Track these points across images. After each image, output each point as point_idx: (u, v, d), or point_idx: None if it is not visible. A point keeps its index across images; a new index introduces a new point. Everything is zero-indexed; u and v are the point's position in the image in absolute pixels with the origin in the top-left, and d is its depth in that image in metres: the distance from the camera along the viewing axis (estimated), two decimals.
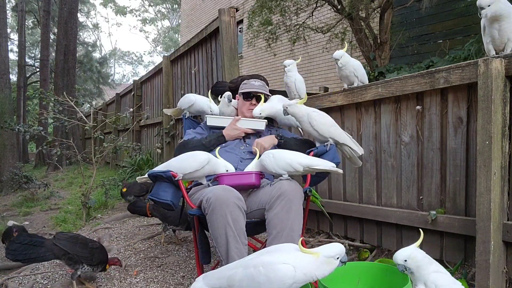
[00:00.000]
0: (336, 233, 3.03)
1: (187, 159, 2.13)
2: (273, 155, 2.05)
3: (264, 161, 2.07)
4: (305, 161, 2.02)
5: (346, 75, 2.73)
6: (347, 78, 2.75)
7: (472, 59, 4.22)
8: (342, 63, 2.65)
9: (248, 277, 1.38)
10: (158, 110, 6.55)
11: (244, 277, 1.39)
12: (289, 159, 2.02)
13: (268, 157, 2.05)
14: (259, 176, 2.14)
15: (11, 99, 10.19)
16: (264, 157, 2.07)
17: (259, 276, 1.36)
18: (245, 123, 2.45)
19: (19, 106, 16.19)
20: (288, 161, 2.01)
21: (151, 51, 47.61)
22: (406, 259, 1.43)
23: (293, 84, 3.00)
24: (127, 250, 3.13)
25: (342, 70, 2.71)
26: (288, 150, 2.13)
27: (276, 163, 2.03)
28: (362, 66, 2.79)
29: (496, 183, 1.86)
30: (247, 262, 1.44)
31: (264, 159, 2.07)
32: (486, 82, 1.87)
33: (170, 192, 2.13)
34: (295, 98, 3.07)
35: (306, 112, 2.19)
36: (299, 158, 2.03)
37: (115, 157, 8.78)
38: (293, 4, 7.32)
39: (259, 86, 2.56)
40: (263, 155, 2.09)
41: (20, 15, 17.06)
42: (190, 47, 5.05)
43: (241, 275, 1.40)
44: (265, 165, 2.06)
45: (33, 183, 6.66)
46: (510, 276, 1.93)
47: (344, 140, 2.20)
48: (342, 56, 2.64)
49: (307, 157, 2.07)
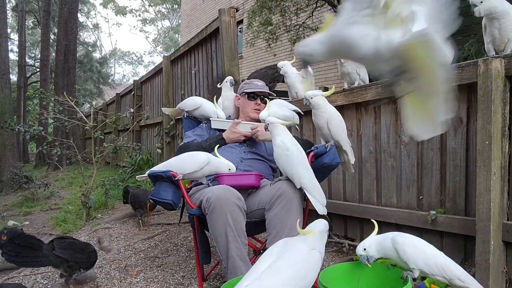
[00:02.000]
0: (336, 233, 3.02)
1: (187, 160, 2.13)
2: (288, 150, 1.95)
3: (277, 153, 1.98)
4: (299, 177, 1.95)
5: (348, 72, 2.69)
6: (348, 76, 2.71)
7: (472, 59, 4.21)
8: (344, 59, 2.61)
9: (294, 277, 1.31)
10: (158, 110, 6.55)
11: (290, 277, 1.30)
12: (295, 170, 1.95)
13: (284, 153, 1.96)
14: (259, 178, 2.14)
15: (11, 99, 10.19)
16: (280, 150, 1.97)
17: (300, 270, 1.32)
18: (245, 126, 2.43)
19: (19, 106, 16.20)
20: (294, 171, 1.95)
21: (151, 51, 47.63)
22: (365, 248, 1.53)
23: (293, 83, 3.01)
24: (127, 250, 3.13)
25: (344, 66, 2.66)
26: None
27: (287, 163, 1.96)
28: (365, 68, 2.76)
29: (496, 183, 1.86)
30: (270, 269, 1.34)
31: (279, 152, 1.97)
32: (486, 82, 1.87)
33: (171, 192, 2.14)
34: (295, 98, 3.07)
35: (330, 109, 2.12)
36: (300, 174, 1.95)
37: (115, 157, 8.78)
38: (293, 4, 7.33)
39: (262, 86, 2.58)
40: (278, 147, 1.98)
41: (20, 15, 17.08)
42: (190, 47, 5.06)
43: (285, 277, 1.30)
44: (277, 158, 1.99)
45: (33, 183, 6.66)
46: (510, 276, 1.93)
47: (345, 146, 2.17)
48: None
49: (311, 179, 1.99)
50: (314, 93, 2.12)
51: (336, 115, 2.12)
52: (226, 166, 2.11)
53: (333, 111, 2.13)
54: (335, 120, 2.11)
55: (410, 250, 1.45)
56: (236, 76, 3.84)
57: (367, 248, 1.53)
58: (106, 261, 2.92)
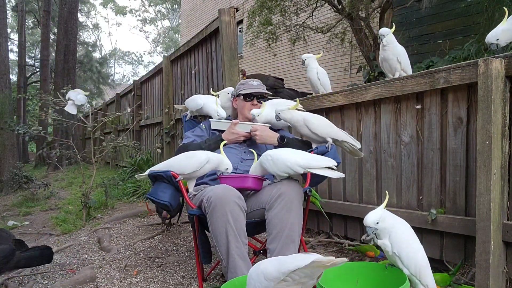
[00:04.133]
0: (336, 233, 3.03)
1: (186, 159, 2.13)
2: (271, 157, 2.01)
3: (263, 163, 2.05)
4: (303, 162, 1.99)
5: (388, 58, 2.52)
6: (387, 62, 2.54)
7: (472, 59, 4.22)
8: (387, 41, 2.48)
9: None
10: (158, 110, 6.55)
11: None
12: (289, 161, 1.98)
13: (267, 160, 2.02)
14: (261, 181, 2.13)
15: (11, 99, 10.19)
16: (264, 160, 2.04)
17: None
18: (244, 127, 2.42)
19: (19, 106, 16.20)
20: (288, 164, 1.98)
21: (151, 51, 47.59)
22: (377, 222, 1.49)
23: (315, 78, 2.98)
24: (127, 250, 3.13)
25: (385, 50, 2.52)
26: (286, 149, 2.09)
27: (276, 166, 2.00)
28: (406, 54, 2.56)
29: (496, 183, 1.86)
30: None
31: (263, 161, 2.05)
32: (486, 82, 1.87)
33: (169, 193, 2.13)
34: (320, 93, 3.04)
35: (301, 117, 2.19)
36: (298, 159, 1.99)
37: (115, 157, 8.79)
38: (293, 4, 7.32)
39: (258, 85, 2.56)
40: (262, 157, 2.06)
41: (20, 15, 17.09)
42: (190, 47, 5.05)
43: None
44: (265, 168, 2.05)
45: (33, 183, 6.66)
46: (510, 276, 1.93)
47: (342, 137, 2.20)
48: (389, 34, 2.48)
49: (305, 156, 2.04)
50: (281, 109, 2.21)
51: (310, 117, 2.18)
52: (225, 165, 2.11)
53: (307, 116, 2.18)
54: (314, 123, 2.16)
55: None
56: (236, 76, 3.84)
57: (379, 222, 1.50)
58: (106, 261, 2.92)
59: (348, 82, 7.91)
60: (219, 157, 2.12)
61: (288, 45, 8.13)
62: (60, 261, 2.99)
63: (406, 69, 2.55)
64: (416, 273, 1.49)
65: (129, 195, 5.49)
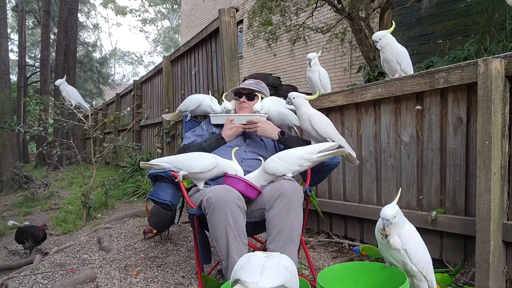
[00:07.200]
0: (336, 233, 3.03)
1: (196, 159, 2.11)
2: (278, 158, 2.01)
3: (270, 169, 2.02)
4: (313, 148, 2.01)
5: (388, 59, 2.51)
6: (388, 63, 2.54)
7: (472, 59, 4.22)
8: (381, 45, 2.47)
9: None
10: (158, 110, 6.55)
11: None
12: (298, 153, 2.00)
13: (274, 162, 2.01)
14: (259, 194, 2.11)
15: (11, 99, 10.19)
16: (270, 165, 2.02)
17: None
18: (240, 119, 2.41)
19: (19, 106, 16.20)
20: (298, 155, 1.99)
21: (151, 51, 47.63)
22: (395, 216, 1.50)
23: (317, 78, 2.97)
24: (127, 250, 3.13)
25: (384, 53, 2.51)
26: (289, 149, 2.10)
27: (285, 163, 1.99)
28: (407, 54, 2.54)
29: (496, 183, 1.86)
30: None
31: (269, 167, 2.02)
32: (486, 82, 1.87)
33: (170, 193, 2.13)
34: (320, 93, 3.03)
35: (308, 109, 2.18)
36: (306, 148, 2.02)
37: (115, 157, 8.79)
38: (293, 4, 7.32)
39: (249, 84, 2.55)
40: (267, 162, 2.04)
41: (20, 15, 17.10)
42: (190, 47, 5.06)
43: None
44: (273, 172, 2.03)
45: (33, 183, 6.66)
46: (510, 276, 1.93)
47: (341, 142, 2.18)
48: (383, 38, 2.47)
49: (312, 146, 2.06)
50: (298, 94, 2.19)
51: (316, 115, 2.16)
52: (233, 171, 2.10)
53: (313, 112, 2.17)
54: (316, 119, 2.15)
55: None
56: (236, 76, 3.84)
57: (396, 216, 1.50)
58: (106, 261, 2.92)
59: (348, 82, 7.91)
60: (229, 163, 2.11)
61: (288, 45, 8.14)
62: (60, 261, 2.99)
63: (406, 70, 2.54)
64: (423, 269, 1.53)
65: (129, 195, 5.50)
